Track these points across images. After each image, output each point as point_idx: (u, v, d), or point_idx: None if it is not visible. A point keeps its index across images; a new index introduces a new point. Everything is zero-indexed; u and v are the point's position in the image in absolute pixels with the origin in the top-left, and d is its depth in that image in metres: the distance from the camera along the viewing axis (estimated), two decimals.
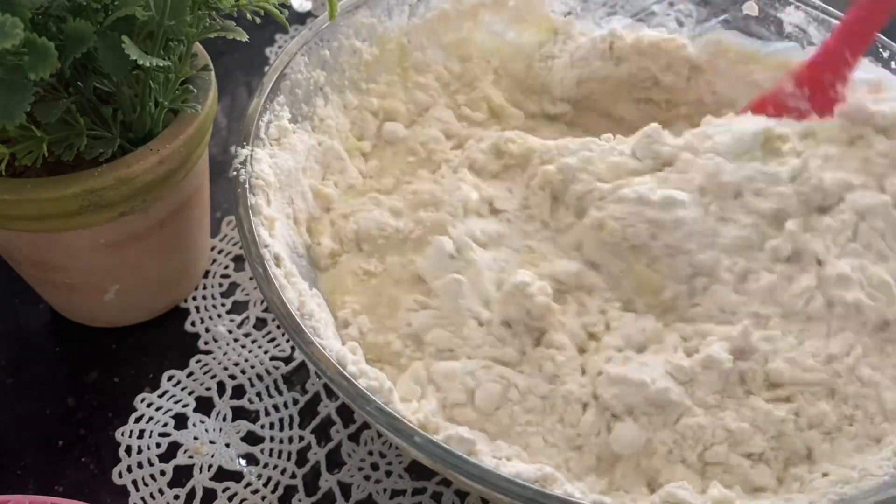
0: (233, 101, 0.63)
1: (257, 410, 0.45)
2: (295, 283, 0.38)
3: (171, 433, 0.44)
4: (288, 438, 0.44)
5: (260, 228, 0.38)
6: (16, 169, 0.39)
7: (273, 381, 0.46)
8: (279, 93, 0.44)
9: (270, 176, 0.41)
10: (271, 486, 0.43)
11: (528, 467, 0.34)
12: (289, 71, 0.45)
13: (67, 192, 0.38)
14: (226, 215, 0.54)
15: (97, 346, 0.48)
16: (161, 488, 0.42)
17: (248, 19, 0.42)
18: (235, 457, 0.44)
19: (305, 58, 0.46)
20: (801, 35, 0.51)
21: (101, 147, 0.39)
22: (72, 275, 0.44)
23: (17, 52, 0.32)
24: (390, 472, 0.43)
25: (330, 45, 0.48)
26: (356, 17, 0.49)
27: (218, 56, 0.46)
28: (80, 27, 0.35)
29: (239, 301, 0.50)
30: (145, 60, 0.36)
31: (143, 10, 0.37)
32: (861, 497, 0.33)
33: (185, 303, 0.50)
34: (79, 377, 0.46)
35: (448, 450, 0.32)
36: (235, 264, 0.52)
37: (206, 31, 0.40)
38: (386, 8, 0.50)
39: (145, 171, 0.39)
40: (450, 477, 0.34)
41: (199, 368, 0.47)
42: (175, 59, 0.40)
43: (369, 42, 0.50)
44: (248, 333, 0.49)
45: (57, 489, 0.42)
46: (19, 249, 0.43)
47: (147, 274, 0.46)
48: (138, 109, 0.40)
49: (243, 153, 0.40)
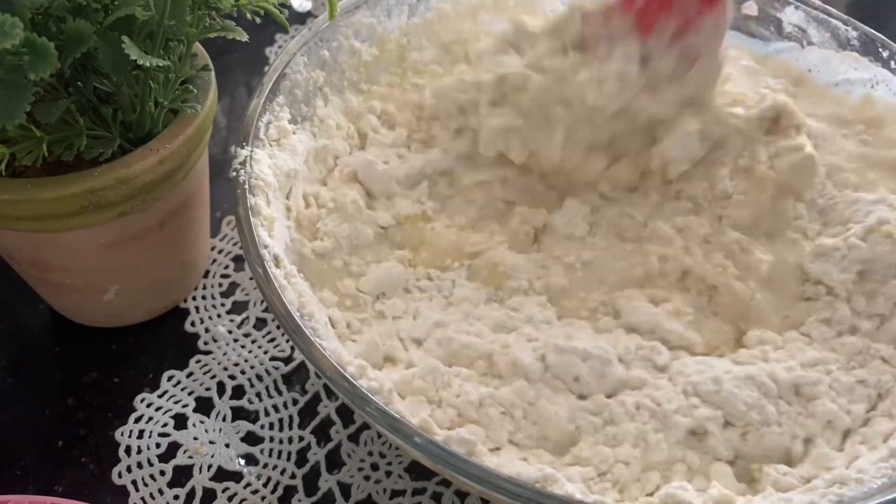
0: (233, 101, 0.63)
1: (257, 411, 0.45)
2: (295, 283, 0.38)
3: (170, 433, 0.44)
4: (288, 439, 0.44)
5: (260, 229, 0.38)
6: (16, 169, 0.39)
7: (273, 382, 0.46)
8: (279, 93, 0.44)
9: (270, 176, 0.41)
10: (271, 487, 0.43)
11: (528, 467, 0.34)
12: (288, 71, 0.45)
13: (67, 192, 0.38)
14: (226, 215, 0.54)
15: (97, 346, 0.48)
16: (161, 488, 0.42)
17: (248, 19, 0.42)
18: (235, 457, 0.44)
19: (305, 58, 0.46)
20: (801, 35, 0.52)
21: (101, 147, 0.39)
22: (72, 275, 0.44)
23: (17, 52, 0.32)
24: (390, 473, 0.43)
25: (329, 46, 0.48)
26: (356, 17, 0.49)
27: (218, 56, 0.46)
28: (80, 27, 0.35)
29: (239, 301, 0.50)
30: (145, 60, 0.36)
31: (143, 10, 0.37)
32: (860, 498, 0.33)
33: (185, 303, 0.50)
34: (79, 377, 0.46)
35: (448, 450, 0.32)
36: (235, 264, 0.52)
37: (206, 31, 0.40)
38: (385, 8, 0.50)
39: (145, 171, 0.39)
40: (450, 477, 0.34)
41: (199, 368, 0.47)
42: (175, 59, 0.40)
43: (369, 42, 0.50)
44: (248, 333, 0.49)
45: (57, 489, 0.42)
46: (19, 249, 0.43)
47: (147, 274, 0.46)
48: (138, 109, 0.40)
49: (243, 154, 0.40)
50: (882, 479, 0.34)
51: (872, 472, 0.35)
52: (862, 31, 0.49)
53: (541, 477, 0.34)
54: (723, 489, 0.35)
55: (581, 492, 0.35)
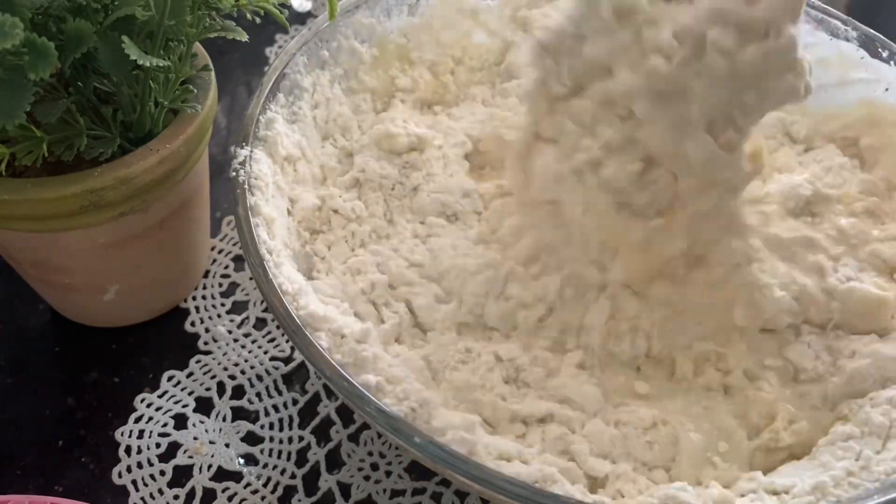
0: (233, 101, 0.63)
1: (257, 411, 0.45)
2: (295, 283, 0.38)
3: (170, 433, 0.44)
4: (287, 438, 0.44)
5: (259, 228, 0.38)
6: (16, 169, 0.39)
7: (273, 382, 0.46)
8: (279, 93, 0.44)
9: (269, 176, 0.41)
10: (271, 487, 0.43)
11: (528, 468, 0.34)
12: (288, 71, 0.45)
13: (67, 192, 0.38)
14: (226, 215, 0.54)
15: (97, 346, 0.48)
16: (161, 488, 0.42)
17: (248, 19, 0.42)
18: (235, 457, 0.44)
19: (305, 58, 0.46)
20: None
21: (101, 147, 0.39)
22: (72, 275, 0.44)
23: (17, 52, 0.32)
24: (390, 473, 0.43)
25: (329, 46, 0.48)
26: (356, 16, 0.49)
27: (218, 56, 0.46)
28: (80, 27, 0.35)
29: (239, 301, 0.50)
30: (145, 60, 0.36)
31: (143, 10, 0.37)
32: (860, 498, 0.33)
33: (185, 303, 0.50)
34: (79, 377, 0.46)
35: (448, 450, 0.32)
36: (235, 264, 0.52)
37: (206, 31, 0.40)
38: (385, 8, 0.50)
39: (145, 171, 0.39)
40: (449, 477, 0.34)
41: (199, 368, 0.47)
42: (175, 59, 0.40)
43: (369, 43, 0.50)
44: (248, 333, 0.49)
45: (57, 489, 0.42)
46: (19, 249, 0.43)
47: (147, 274, 0.46)
48: (138, 109, 0.40)
49: (242, 153, 0.40)
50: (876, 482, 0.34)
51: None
52: (862, 31, 0.49)
53: (540, 477, 0.34)
54: (722, 489, 0.35)
55: (581, 492, 0.35)
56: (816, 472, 0.35)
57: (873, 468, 0.35)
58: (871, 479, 0.34)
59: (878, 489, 0.33)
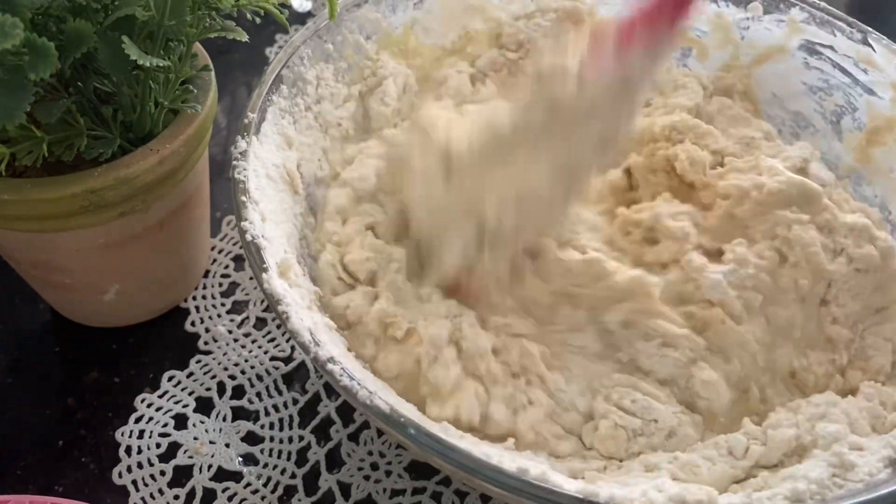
0: (233, 101, 0.63)
1: (257, 410, 0.45)
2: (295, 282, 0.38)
3: (171, 433, 0.44)
4: (288, 438, 0.44)
5: (259, 228, 0.38)
6: (16, 169, 0.39)
7: (273, 381, 0.46)
8: (281, 85, 0.44)
9: (271, 172, 0.41)
10: (271, 486, 0.43)
11: (528, 462, 0.34)
12: (291, 65, 0.45)
13: (67, 192, 0.38)
14: (226, 215, 0.54)
15: (97, 346, 0.48)
16: (161, 488, 0.42)
17: (248, 19, 0.42)
18: (235, 457, 0.44)
19: (308, 51, 0.46)
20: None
21: (101, 147, 0.39)
22: (72, 275, 0.44)
23: (17, 52, 0.32)
24: (390, 472, 0.43)
25: (334, 40, 0.48)
26: (361, 11, 0.49)
27: (218, 56, 0.46)
28: (80, 27, 0.35)
29: (239, 301, 0.50)
30: (145, 60, 0.36)
31: (143, 10, 0.37)
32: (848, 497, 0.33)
33: (185, 303, 0.50)
34: (79, 377, 0.46)
35: (450, 445, 0.32)
36: (235, 264, 0.52)
37: (206, 31, 0.40)
38: (391, 3, 0.50)
39: (145, 171, 0.39)
40: (449, 472, 0.34)
41: (199, 368, 0.47)
42: (175, 59, 0.40)
43: (374, 37, 0.50)
44: (248, 333, 0.49)
45: (57, 489, 0.42)
46: (19, 250, 0.43)
47: (147, 274, 0.46)
48: (138, 109, 0.40)
49: (242, 145, 0.40)
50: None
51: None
52: (862, 31, 0.49)
53: (540, 473, 0.34)
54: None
55: (577, 488, 0.35)
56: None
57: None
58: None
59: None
